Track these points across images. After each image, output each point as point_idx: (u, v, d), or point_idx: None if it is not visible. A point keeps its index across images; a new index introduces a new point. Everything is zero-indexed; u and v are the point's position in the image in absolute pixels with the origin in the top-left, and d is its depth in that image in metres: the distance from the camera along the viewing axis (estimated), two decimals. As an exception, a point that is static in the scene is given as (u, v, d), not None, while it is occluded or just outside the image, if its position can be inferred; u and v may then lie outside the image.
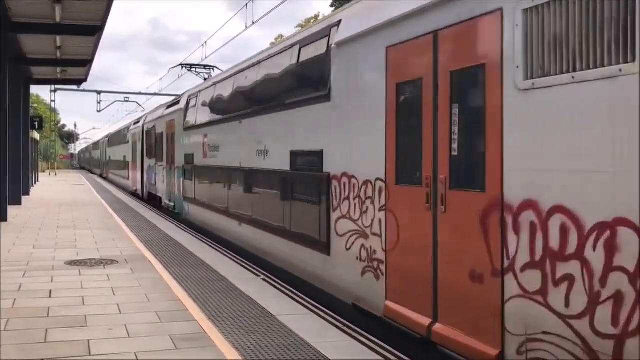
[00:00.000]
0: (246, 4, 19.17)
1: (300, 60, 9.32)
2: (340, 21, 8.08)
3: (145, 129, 26.60)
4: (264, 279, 8.92)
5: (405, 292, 6.25)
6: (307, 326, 6.41)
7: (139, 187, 28.69)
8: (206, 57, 26.78)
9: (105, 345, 5.72)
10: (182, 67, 22.64)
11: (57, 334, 6.06)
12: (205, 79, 20.37)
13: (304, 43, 9.27)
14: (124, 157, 35.66)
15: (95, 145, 73.08)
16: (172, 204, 19.70)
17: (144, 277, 8.89)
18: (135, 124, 31.98)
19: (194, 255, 10.93)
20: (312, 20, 43.92)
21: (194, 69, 22.25)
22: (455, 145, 5.46)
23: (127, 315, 6.82)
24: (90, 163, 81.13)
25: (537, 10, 4.51)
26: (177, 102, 19.96)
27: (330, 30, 8.24)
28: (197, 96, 16.82)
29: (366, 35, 7.13)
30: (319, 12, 52.34)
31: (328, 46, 8.18)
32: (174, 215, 18.93)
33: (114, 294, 7.83)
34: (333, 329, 6.40)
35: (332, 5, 43.21)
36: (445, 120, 5.59)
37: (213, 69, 21.84)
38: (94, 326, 6.34)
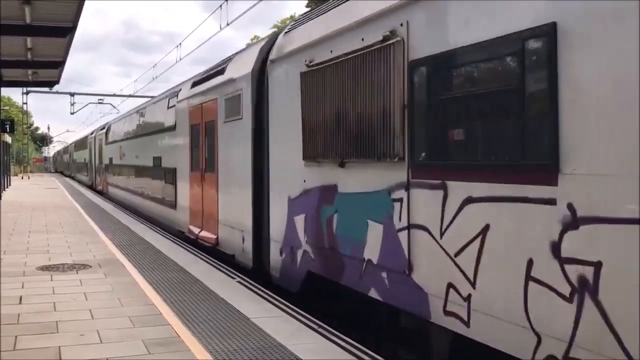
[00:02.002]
0: (220, 5, 19.03)
1: None
2: None
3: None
4: (239, 282, 8.88)
5: None
6: (282, 328, 6.40)
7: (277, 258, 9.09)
8: (180, 59, 26.40)
9: (76, 351, 5.65)
10: None
11: (26, 341, 5.96)
12: None
13: None
14: (158, 160, 17.69)
15: (80, 143, 52.14)
16: None
17: (118, 282, 8.79)
18: (218, 73, 11.94)
19: (168, 258, 10.84)
20: (287, 20, 43.84)
21: None
22: None
23: (100, 320, 6.73)
24: (71, 167, 61.88)
25: None
26: None
27: None
28: None
29: None
30: (295, 13, 52.31)
31: None
32: None
33: (87, 299, 7.73)
34: (308, 330, 6.39)
35: (307, 6, 43.21)
36: None
37: None
38: (65, 332, 6.25)
